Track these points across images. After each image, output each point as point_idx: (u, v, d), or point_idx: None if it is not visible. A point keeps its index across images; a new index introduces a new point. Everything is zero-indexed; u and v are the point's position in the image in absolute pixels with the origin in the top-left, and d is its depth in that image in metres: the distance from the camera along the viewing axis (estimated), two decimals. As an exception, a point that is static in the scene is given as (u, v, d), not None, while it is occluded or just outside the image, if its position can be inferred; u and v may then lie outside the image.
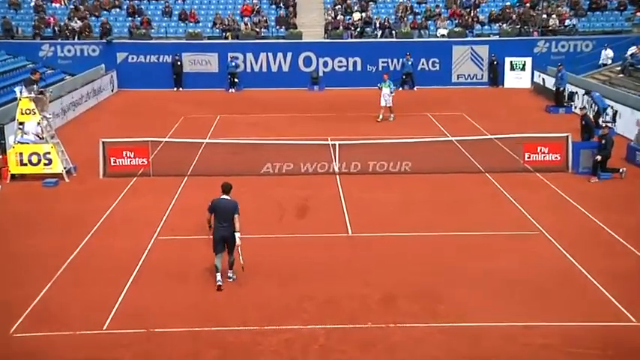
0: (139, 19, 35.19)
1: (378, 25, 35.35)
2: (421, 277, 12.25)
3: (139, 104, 30.13)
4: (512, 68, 33.82)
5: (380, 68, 33.64)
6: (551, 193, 17.14)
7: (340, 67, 33.95)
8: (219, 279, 11.90)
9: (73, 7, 35.82)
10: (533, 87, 32.97)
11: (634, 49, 29.77)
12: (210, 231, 12.18)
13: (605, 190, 17.41)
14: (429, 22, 35.44)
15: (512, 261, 12.95)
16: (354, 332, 10.38)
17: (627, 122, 22.89)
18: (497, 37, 34.87)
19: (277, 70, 33.85)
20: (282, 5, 36.67)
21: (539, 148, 18.99)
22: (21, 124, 18.63)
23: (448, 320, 10.66)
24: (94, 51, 33.57)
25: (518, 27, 35.16)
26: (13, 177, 18.39)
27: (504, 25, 35.41)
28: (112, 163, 18.68)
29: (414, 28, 35.08)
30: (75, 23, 34.42)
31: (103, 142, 18.76)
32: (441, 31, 35.17)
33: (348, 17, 35.80)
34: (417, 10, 36.31)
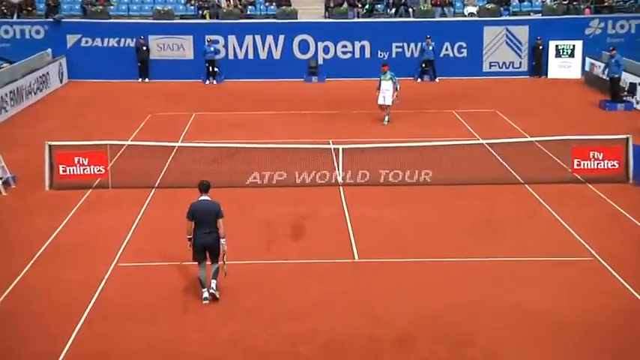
0: (94, -7, 35.43)
1: (391, 1, 35.52)
2: (444, 313, 12.28)
3: (95, 99, 30.23)
4: (558, 54, 34.02)
5: (394, 55, 33.84)
6: (607, 210, 17.19)
7: (344, 53, 34.12)
8: (207, 295, 12.58)
9: (11, -24, 35.88)
10: (584, 77, 33.14)
11: None
12: (190, 246, 12.58)
13: (675, 205, 17.49)
14: (455, -3, 35.75)
15: (558, 294, 12.98)
16: (362, 383, 10.41)
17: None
18: (539, 16, 35.09)
19: (266, 57, 34.02)
20: (272, -24, 36.94)
21: (592, 154, 19.06)
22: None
23: (479, 368, 10.70)
24: (38, 32, 33.74)
25: (566, 3, 35.36)
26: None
27: (548, 0, 35.60)
28: (61, 172, 18.72)
29: (435, 5, 35.29)
30: (14, -4, 34.61)
31: (50, 146, 18.81)
32: (470, 8, 35.36)
33: (355, -9, 36.07)
34: (439, -18, 36.64)
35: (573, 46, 33.81)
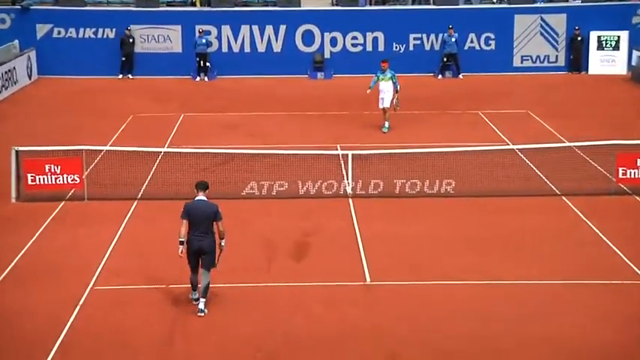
0: (68, -23, 35.48)
1: (408, -15, 35.62)
2: (468, 346, 12.26)
3: (69, 98, 30.30)
4: (600, 47, 33.99)
5: (411, 47, 33.89)
6: (657, 226, 17.21)
7: (354, 46, 34.18)
8: (196, 296, 13.19)
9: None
10: (630, 73, 33.08)
11: None
12: (182, 251, 12.93)
13: None
14: (482, -19, 35.79)
15: (599, 324, 12.93)
16: None
17: None
18: (578, 3, 35.10)
19: (265, 50, 34.08)
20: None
21: (640, 161, 19.07)
22: None
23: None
24: (4, 21, 33.84)
25: (609, -12, 35.36)
26: None
27: (589, -15, 35.60)
28: (30, 182, 18.74)
29: (459, -11, 35.33)
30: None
31: (17, 152, 18.85)
32: (499, -6, 35.42)
33: (366, -25, 36.17)
34: (463, -36, 36.68)
35: (618, 37, 33.72)
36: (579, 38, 33.78)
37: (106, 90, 31.47)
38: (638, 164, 18.90)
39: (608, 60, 33.89)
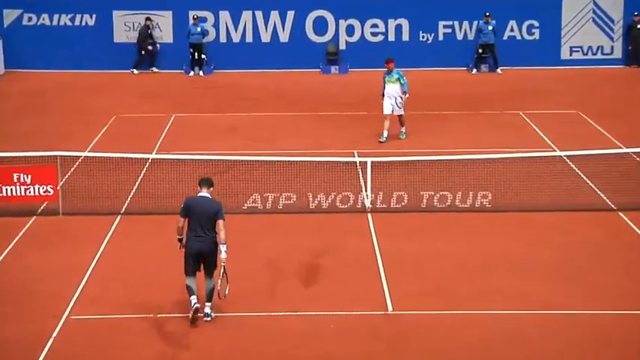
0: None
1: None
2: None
3: (41, 95, 30.45)
4: (663, 36, 33.93)
5: (440, 37, 33.91)
6: None
7: (374, 35, 34.29)
8: (195, 301, 13.43)
9: None
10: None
11: None
12: (180, 248, 13.39)
13: None
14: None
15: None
16: None
17: None
18: (638, -16, 35.06)
19: (270, 40, 34.22)
20: None
21: None
22: None
23: None
24: (-35, 7, 34.07)
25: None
26: None
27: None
28: (-5, 194, 18.87)
29: (497, -31, 35.33)
30: None
31: (-19, 159, 18.99)
32: (544, -26, 35.39)
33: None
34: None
35: (684, 24, 33.77)
36: (638, 26, 33.73)
37: (85, 86, 31.61)
38: None
39: (674, 51, 33.87)
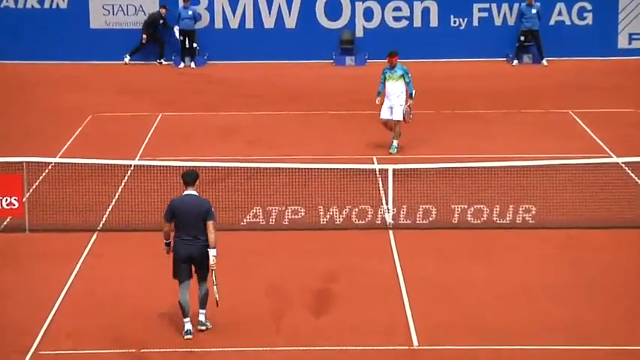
0: None
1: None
2: None
3: (5, 91, 30.28)
4: None
5: (475, 22, 33.77)
6: None
7: (397, 20, 34.17)
8: (189, 327, 13.75)
9: None
10: None
11: None
12: (168, 252, 13.80)
13: None
14: None
15: None
16: None
17: None
18: None
19: (274, 26, 34.13)
20: None
21: None
22: None
23: None
24: None
25: None
26: None
27: None
28: (-49, 207, 18.86)
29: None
30: None
31: None
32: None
33: None
34: None
35: None
36: None
37: (56, 80, 31.60)
38: None
39: None
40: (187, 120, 26.93)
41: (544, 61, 33.22)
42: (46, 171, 20.19)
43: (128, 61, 33.76)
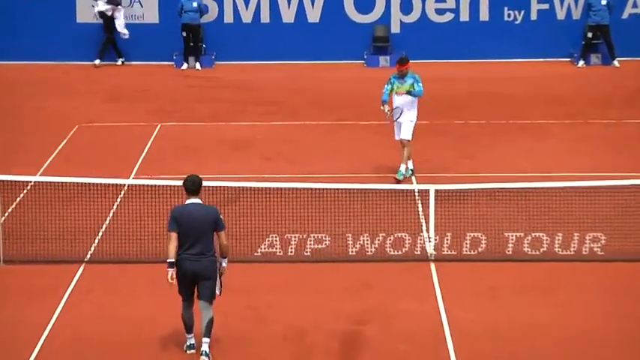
0: None
1: None
2: None
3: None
4: None
5: (533, 16, 33.90)
6: None
7: (440, 13, 34.34)
8: (192, 342, 14.48)
9: None
10: None
11: None
12: (172, 276, 14.10)
13: None
14: None
15: None
16: None
17: None
18: None
19: (294, 20, 34.42)
20: None
21: None
22: None
23: None
24: None
25: None
26: None
27: None
28: None
29: None
30: None
31: None
32: None
33: None
34: None
35: None
36: None
37: (37, 84, 31.93)
38: None
39: None
40: (191, 131, 27.08)
41: (615, 62, 33.31)
42: (25, 191, 20.26)
43: (98, 63, 33.95)
